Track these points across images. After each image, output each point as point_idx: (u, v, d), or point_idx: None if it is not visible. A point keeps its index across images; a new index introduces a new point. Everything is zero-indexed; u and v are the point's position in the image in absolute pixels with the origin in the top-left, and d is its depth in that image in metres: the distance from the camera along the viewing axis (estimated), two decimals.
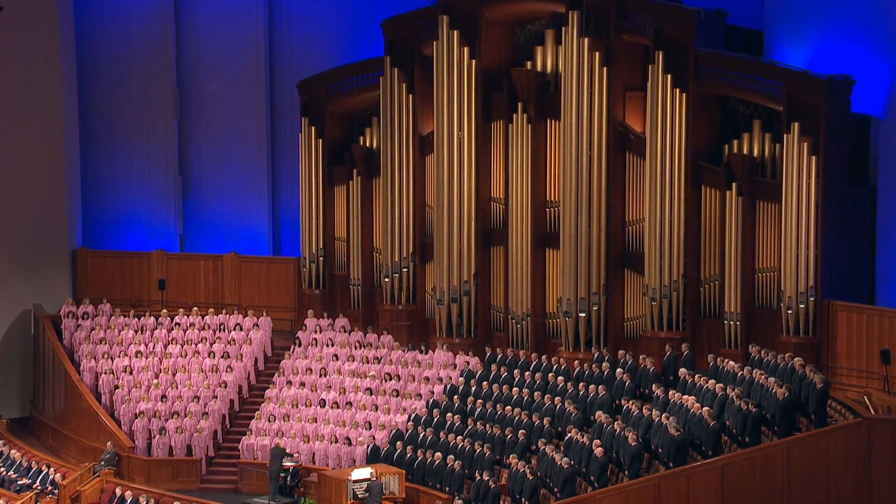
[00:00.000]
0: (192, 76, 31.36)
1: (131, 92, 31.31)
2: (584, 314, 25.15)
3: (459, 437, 23.44)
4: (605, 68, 24.96)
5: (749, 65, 23.70)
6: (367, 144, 29.01)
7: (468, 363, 25.94)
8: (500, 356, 25.63)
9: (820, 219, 22.54)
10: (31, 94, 30.09)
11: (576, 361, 24.48)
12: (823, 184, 22.50)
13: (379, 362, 26.79)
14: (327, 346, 27.62)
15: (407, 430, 24.47)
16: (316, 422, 25.66)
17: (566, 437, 22.11)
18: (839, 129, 22.71)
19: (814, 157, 22.48)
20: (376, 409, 25.49)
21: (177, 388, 27.20)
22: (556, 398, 23.43)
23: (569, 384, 23.78)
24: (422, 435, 24.09)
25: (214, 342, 28.36)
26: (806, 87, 22.65)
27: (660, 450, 20.65)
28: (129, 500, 23.46)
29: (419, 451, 23.67)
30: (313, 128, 29.25)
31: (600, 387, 23.07)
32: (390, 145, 27.73)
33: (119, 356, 28.04)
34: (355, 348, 27.34)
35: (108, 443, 26.08)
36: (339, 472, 23.45)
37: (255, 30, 31.00)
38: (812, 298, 22.58)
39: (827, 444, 19.47)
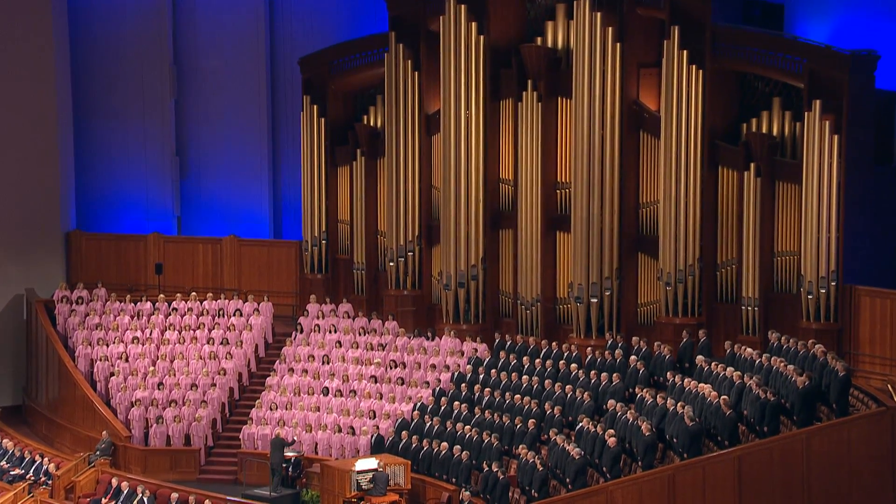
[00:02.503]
0: (190, 52, 31.26)
1: (126, 69, 31.23)
2: (596, 299, 25.06)
3: (467, 427, 23.38)
4: (618, 44, 24.80)
5: (769, 40, 23.54)
6: (371, 124, 28.91)
7: (476, 350, 25.87)
8: (508, 343, 25.55)
9: (842, 200, 22.41)
10: (22, 71, 29.98)
11: (588, 348, 24.40)
12: (846, 164, 22.37)
13: (383, 349, 26.74)
14: (330, 332, 27.57)
15: (413, 420, 24.42)
16: (318, 411, 25.62)
17: (577, 427, 22.03)
18: (863, 107, 22.55)
19: (836, 136, 22.34)
20: (381, 398, 25.44)
21: (174, 375, 27.16)
22: (567, 386, 23.36)
23: (580, 372, 23.68)
24: (428, 424, 24.04)
25: (213, 328, 28.32)
26: (828, 63, 22.50)
27: (674, 440, 20.57)
28: (125, 492, 23.43)
29: (425, 441, 23.63)
30: (315, 106, 29.15)
31: (613, 374, 22.99)
32: (395, 125, 27.62)
33: (115, 342, 28.00)
34: (359, 335, 27.28)
35: (104, 432, 26.04)
36: (343, 463, 23.40)
37: (255, 4, 30.90)
38: (833, 283, 22.48)
39: (849, 434, 19.36)
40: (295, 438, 24.77)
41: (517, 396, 23.66)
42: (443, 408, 24.39)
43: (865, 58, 22.47)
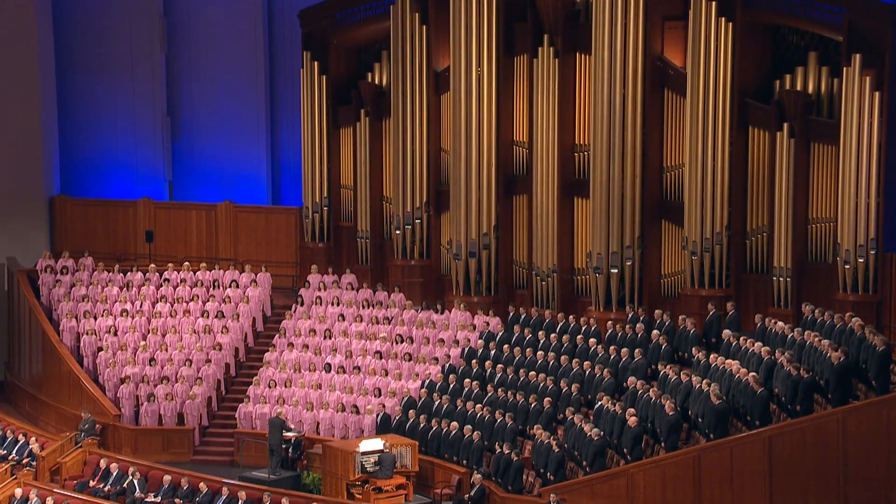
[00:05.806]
0: (181, 3, 31.16)
1: (113, 21, 31.15)
2: (616, 270, 25.02)
3: (478, 406, 23.41)
4: None
5: None
6: (377, 82, 28.83)
7: (488, 324, 25.85)
8: (523, 316, 25.54)
9: (883, 162, 22.41)
10: (0, 25, 29.84)
11: (607, 322, 24.40)
12: (888, 123, 22.35)
13: (389, 323, 26.74)
14: (332, 304, 27.58)
15: (420, 398, 24.44)
16: (320, 388, 25.64)
17: (596, 406, 22.06)
18: None
19: (877, 94, 22.29)
20: (387, 375, 25.45)
21: (167, 350, 27.19)
22: (586, 363, 23.38)
23: (599, 347, 23.69)
24: (437, 403, 24.07)
25: (208, 300, 28.33)
26: (869, 14, 22.42)
27: (700, 419, 20.57)
28: (114, 474, 23.49)
29: (434, 421, 23.67)
30: (316, 63, 29.07)
31: (634, 350, 22.99)
32: (402, 83, 27.54)
33: (103, 315, 28.03)
34: (363, 307, 27.28)
35: (84, 411, 25.93)
36: (346, 444, 23.45)
37: None
38: (873, 252, 22.49)
39: (888, 413, 19.28)
40: (293, 427, 24.69)
41: (532, 373, 23.66)
42: (452, 385, 24.39)
43: None
